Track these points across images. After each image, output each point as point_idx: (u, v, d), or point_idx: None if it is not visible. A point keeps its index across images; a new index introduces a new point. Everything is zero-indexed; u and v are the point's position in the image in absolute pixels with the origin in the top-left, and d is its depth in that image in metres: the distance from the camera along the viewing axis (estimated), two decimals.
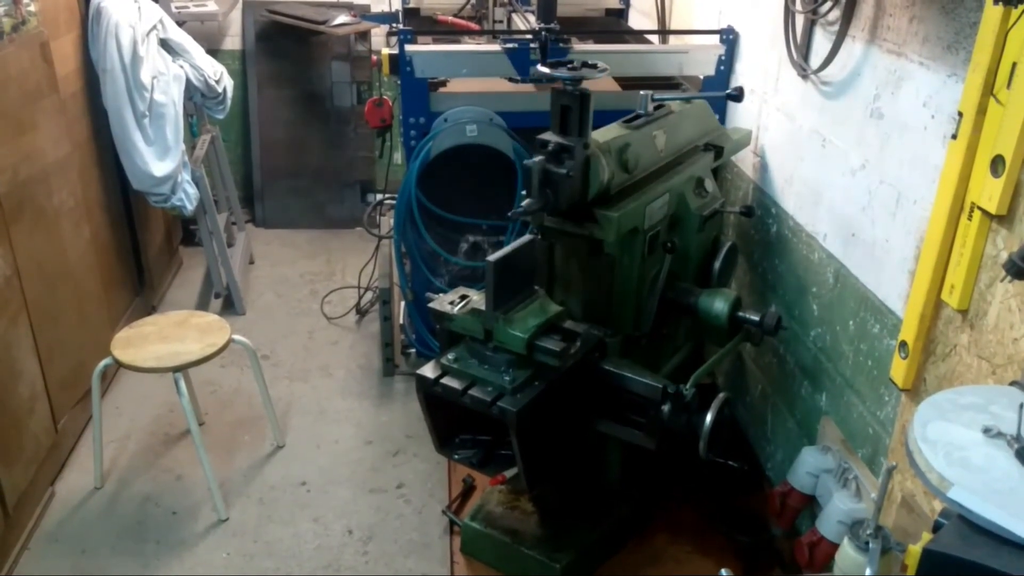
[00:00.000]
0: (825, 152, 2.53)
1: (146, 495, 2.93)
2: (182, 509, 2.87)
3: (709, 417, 2.20)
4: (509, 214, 2.19)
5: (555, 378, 2.17)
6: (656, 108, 2.62)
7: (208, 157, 4.26)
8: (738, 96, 2.60)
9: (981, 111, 1.70)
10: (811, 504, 2.57)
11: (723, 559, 2.66)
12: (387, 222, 4.18)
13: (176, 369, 2.67)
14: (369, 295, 4.16)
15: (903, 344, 1.97)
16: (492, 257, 2.09)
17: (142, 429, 3.26)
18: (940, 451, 1.00)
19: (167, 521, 2.82)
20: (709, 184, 2.68)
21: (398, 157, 4.62)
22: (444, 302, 2.29)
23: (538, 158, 2.15)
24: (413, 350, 3.70)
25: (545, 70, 2.20)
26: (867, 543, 1.11)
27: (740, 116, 3.18)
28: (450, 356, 2.22)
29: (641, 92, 2.55)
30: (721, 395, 2.25)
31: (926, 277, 1.88)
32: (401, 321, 3.79)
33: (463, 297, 2.30)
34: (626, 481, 2.74)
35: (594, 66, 2.21)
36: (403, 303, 3.72)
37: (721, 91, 3.25)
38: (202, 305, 4.21)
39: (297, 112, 5.08)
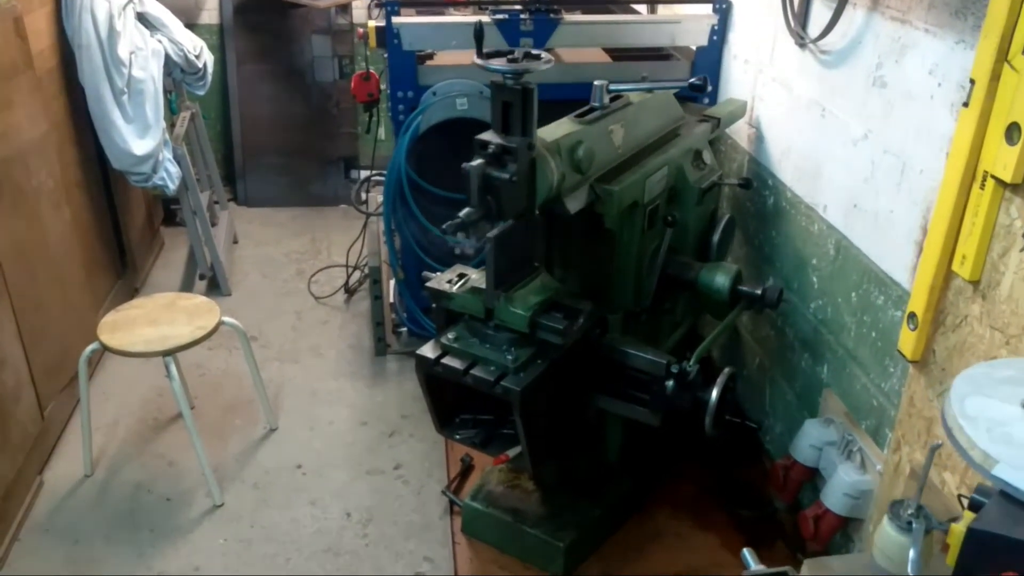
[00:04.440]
0: (825, 122, 2.49)
1: (138, 482, 2.87)
2: (176, 495, 2.82)
3: (715, 393, 2.17)
4: (444, 226, 1.94)
5: (558, 356, 2.13)
6: (612, 99, 2.37)
7: (188, 135, 4.16)
8: (702, 86, 2.46)
9: (995, 78, 1.66)
10: (814, 477, 2.56)
11: (725, 533, 2.65)
12: (374, 199, 4.12)
13: (166, 353, 2.60)
14: (357, 274, 4.10)
15: (912, 316, 1.95)
16: (492, 233, 2.03)
17: (131, 414, 3.20)
18: (982, 427, 0.97)
19: (161, 508, 2.77)
20: (707, 156, 2.64)
21: (382, 132, 4.54)
22: (442, 281, 2.24)
23: (477, 161, 1.92)
24: (404, 329, 3.65)
25: (479, 61, 1.93)
26: (909, 523, 1.09)
27: (734, 87, 3.13)
28: (450, 335, 2.17)
29: (595, 82, 2.32)
30: (726, 370, 2.23)
31: (936, 248, 1.85)
32: (391, 300, 3.74)
33: (461, 275, 2.25)
34: (626, 457, 2.72)
35: (537, 57, 1.96)
36: (393, 281, 3.66)
37: (715, 62, 3.22)
38: (186, 286, 4.13)
39: (278, 88, 4.97)
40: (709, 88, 2.52)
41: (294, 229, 4.79)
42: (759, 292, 2.46)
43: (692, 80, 2.37)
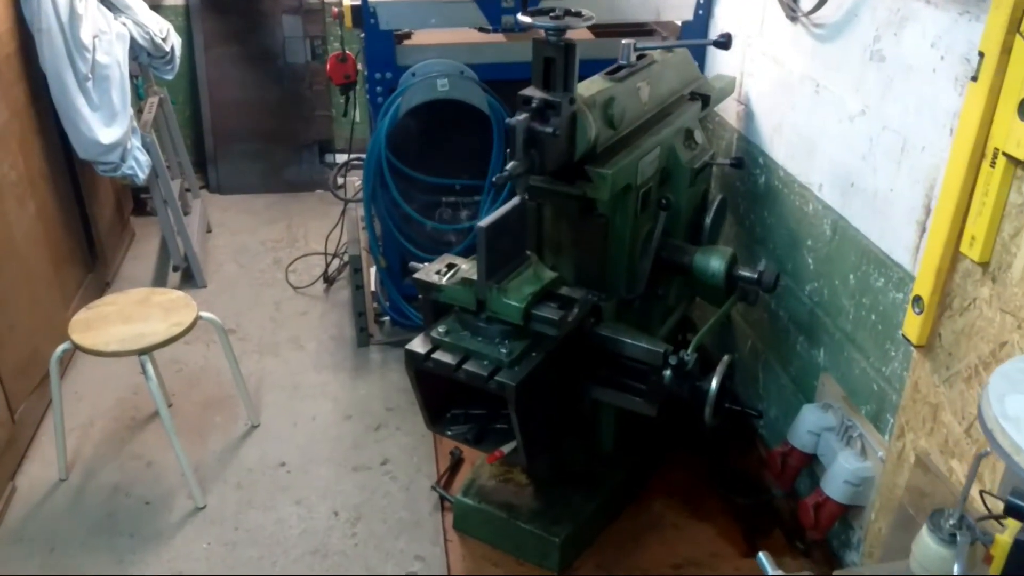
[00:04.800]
0: (819, 98, 2.42)
1: (115, 485, 2.77)
2: (155, 498, 2.72)
3: (714, 383, 2.11)
4: (493, 179, 2.02)
5: (553, 347, 2.06)
6: (638, 58, 2.47)
7: (157, 121, 4.01)
8: (725, 43, 2.45)
9: (1006, 50, 1.59)
10: (812, 463, 2.51)
11: (722, 522, 2.61)
12: (352, 184, 4.00)
13: (142, 352, 2.49)
14: (336, 262, 3.98)
15: (917, 299, 1.89)
16: (483, 222, 1.95)
17: (106, 414, 3.08)
18: None
19: (140, 512, 2.67)
20: (699, 135, 2.57)
21: (358, 115, 4.41)
22: (430, 272, 2.15)
23: (521, 116, 1.97)
24: (387, 318, 3.56)
25: (527, 19, 2.03)
26: (952, 535, 1.03)
27: (722, 63, 3.05)
28: (440, 329, 2.09)
29: (623, 41, 2.40)
30: (725, 358, 2.16)
31: (943, 229, 1.79)
32: (373, 288, 3.64)
33: (450, 266, 2.16)
34: (621, 446, 2.66)
35: (578, 14, 2.04)
36: (374, 269, 3.56)
37: (700, 37, 3.13)
38: (159, 278, 4.00)
39: (248, 70, 4.82)
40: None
41: (269, 216, 4.66)
42: (755, 276, 2.39)
43: (716, 38, 2.38)
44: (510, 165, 1.99)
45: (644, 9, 3.12)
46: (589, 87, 2.21)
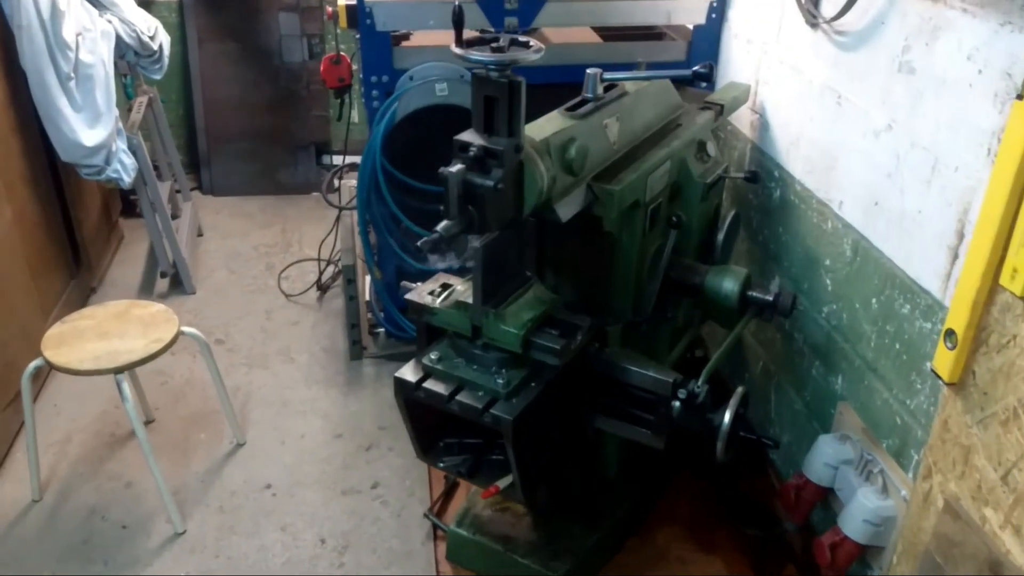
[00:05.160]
0: (841, 111, 2.27)
1: (91, 507, 2.63)
2: (133, 522, 2.58)
3: (727, 416, 1.96)
4: (419, 244, 1.68)
5: (553, 377, 1.91)
6: (607, 89, 2.15)
7: (146, 121, 3.87)
8: (707, 75, 2.22)
9: None
10: (827, 496, 2.37)
11: (731, 556, 2.47)
12: (347, 187, 3.86)
13: (118, 371, 2.35)
14: (331, 269, 3.84)
15: (950, 333, 1.74)
16: (479, 242, 1.80)
17: (84, 429, 2.94)
18: None
19: (116, 537, 2.53)
20: (711, 147, 2.42)
21: (356, 115, 4.27)
22: (423, 292, 2.01)
23: (456, 167, 1.66)
24: (382, 330, 3.42)
25: (459, 51, 1.68)
26: None
27: (736, 69, 2.90)
28: (433, 355, 1.94)
29: (588, 70, 2.08)
30: (739, 390, 2.02)
31: (981, 259, 1.64)
32: (367, 298, 3.50)
33: (445, 286, 2.02)
34: (624, 473, 2.52)
35: (525, 44, 1.72)
36: (369, 277, 3.42)
37: (713, 41, 2.99)
38: (147, 283, 3.86)
39: (243, 69, 4.68)
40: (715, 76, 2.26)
41: (263, 220, 4.52)
42: (770, 298, 2.25)
43: (696, 68, 2.12)
44: (442, 225, 1.68)
45: (654, 12, 2.97)
46: (544, 127, 1.89)
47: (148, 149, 3.99)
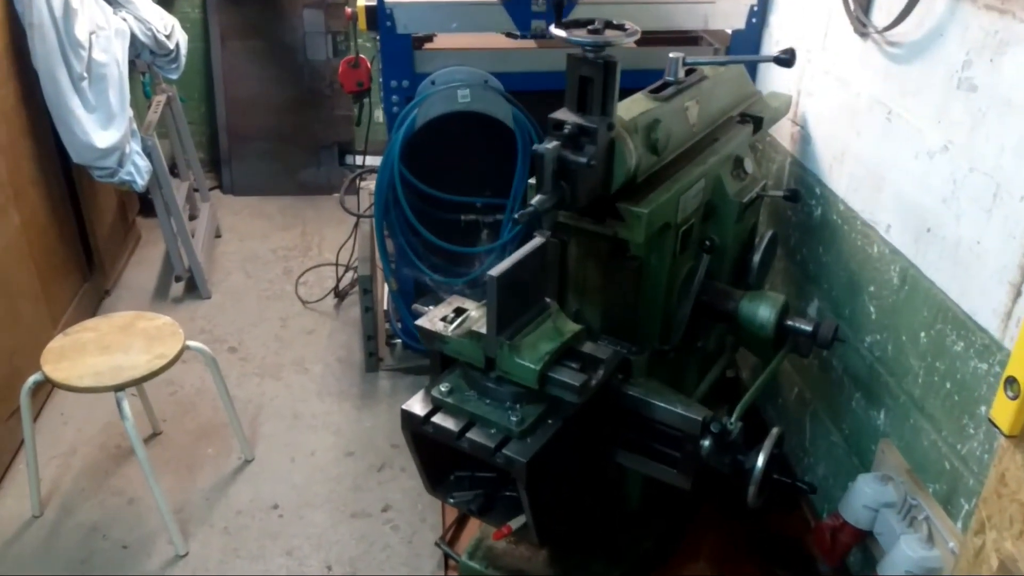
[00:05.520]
0: (891, 127, 2.10)
1: (92, 524, 2.54)
2: (134, 541, 2.49)
3: (761, 460, 1.81)
4: (515, 215, 1.76)
5: (572, 413, 1.77)
6: (687, 73, 2.17)
7: (165, 120, 3.79)
8: (788, 60, 2.13)
9: None
10: (865, 538, 2.21)
11: None
12: (368, 191, 3.74)
13: (118, 388, 2.25)
14: (349, 275, 3.73)
15: (1011, 381, 1.57)
16: (495, 271, 1.67)
17: (89, 442, 2.85)
18: None
19: (117, 557, 2.44)
20: (749, 164, 2.26)
21: (379, 115, 4.15)
22: (435, 319, 1.87)
23: (551, 143, 1.72)
24: (399, 341, 3.30)
25: (560, 33, 1.76)
26: None
27: (775, 78, 2.74)
28: (443, 387, 1.81)
29: (671, 54, 2.10)
30: (774, 431, 1.86)
31: None
32: (385, 307, 3.38)
33: (458, 311, 1.88)
34: (647, 508, 2.37)
35: (621, 27, 1.78)
36: (387, 286, 3.30)
37: (753, 48, 2.82)
38: (162, 287, 3.77)
39: (266, 66, 4.58)
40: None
41: (283, 221, 4.42)
42: (810, 329, 2.09)
43: (776, 54, 2.06)
44: (536, 199, 1.73)
45: (691, 16, 2.80)
46: (630, 108, 1.93)
47: (166, 148, 3.91)
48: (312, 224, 4.38)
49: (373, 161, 3.69)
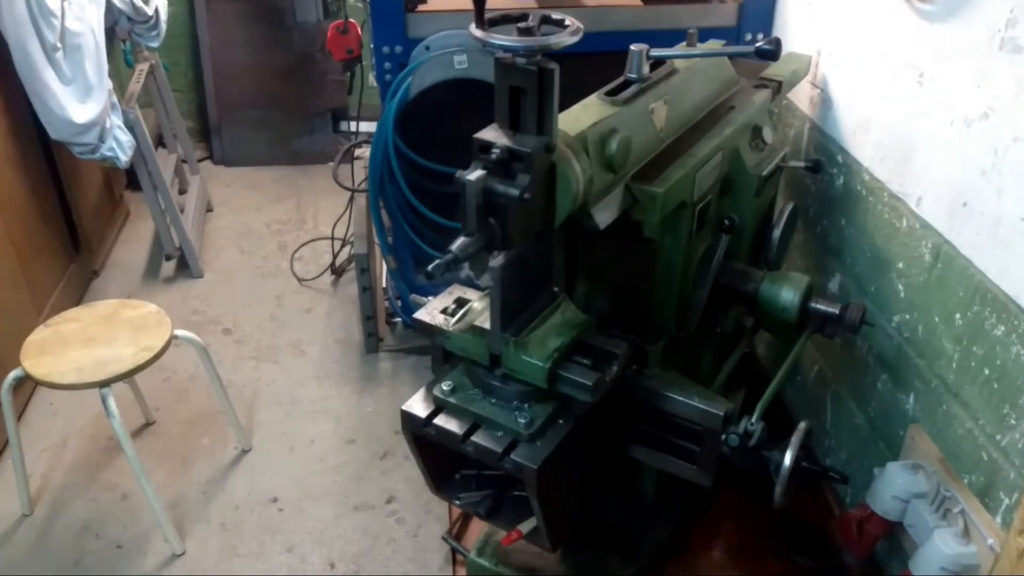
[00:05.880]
0: (922, 92, 1.94)
1: (85, 522, 2.44)
2: (128, 540, 2.39)
3: (788, 458, 1.69)
4: (429, 268, 1.40)
5: (584, 411, 1.65)
6: (653, 68, 1.82)
7: (148, 90, 3.62)
8: (773, 52, 1.85)
9: None
10: (893, 528, 2.10)
11: None
12: (363, 164, 3.58)
13: (102, 384, 2.13)
14: (346, 251, 3.59)
15: None
16: (497, 262, 1.53)
17: (81, 432, 2.75)
18: None
19: (110, 557, 2.34)
20: (767, 133, 2.11)
21: (372, 79, 3.97)
22: (434, 311, 1.74)
23: (476, 173, 1.38)
24: (399, 320, 3.17)
25: (479, 34, 1.40)
26: None
27: (793, 36, 2.56)
28: (445, 386, 1.68)
29: (632, 47, 1.77)
30: (802, 426, 1.74)
31: None
32: (384, 285, 3.25)
33: (460, 301, 1.75)
34: (664, 497, 2.26)
35: (560, 23, 1.43)
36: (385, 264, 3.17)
37: (769, 10, 2.65)
38: (153, 265, 3.64)
39: (254, 29, 4.39)
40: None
41: (277, 193, 4.27)
42: (836, 311, 1.95)
43: (759, 44, 1.78)
44: (457, 244, 1.41)
45: None
46: (580, 117, 1.60)
47: (152, 119, 3.74)
48: (307, 195, 4.23)
49: (368, 128, 3.53)
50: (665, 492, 2.27)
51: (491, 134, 1.44)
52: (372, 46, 2.62)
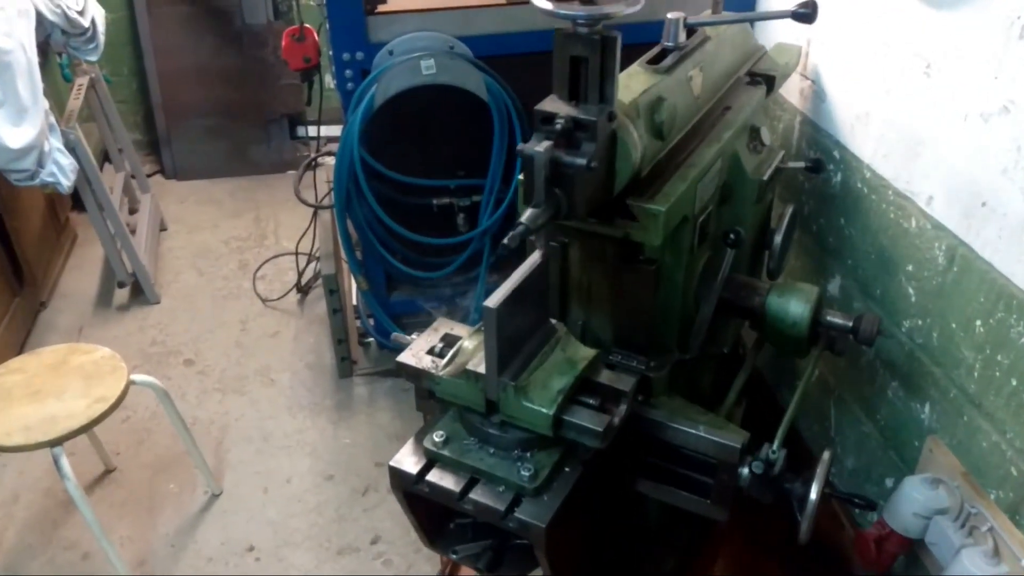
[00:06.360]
0: (931, 84, 1.81)
1: None
2: None
3: (814, 492, 1.56)
4: (505, 240, 1.37)
5: (592, 457, 1.50)
6: (687, 35, 1.81)
7: (90, 105, 3.38)
8: (808, 15, 1.77)
9: None
10: (913, 545, 1.99)
11: None
12: (327, 173, 3.38)
13: (54, 443, 1.93)
14: (312, 266, 3.40)
15: None
16: (491, 300, 1.37)
17: (34, 486, 2.54)
18: None
19: None
20: (765, 133, 1.97)
21: (330, 80, 3.77)
22: (420, 352, 1.57)
23: (542, 143, 1.37)
24: (372, 340, 3.00)
25: (543, 4, 1.40)
26: None
27: (779, 27, 2.42)
28: (437, 437, 1.52)
29: (670, 15, 1.75)
30: (826, 455, 1.61)
31: None
32: (355, 302, 3.07)
33: (447, 340, 1.59)
34: (668, 525, 2.13)
35: None
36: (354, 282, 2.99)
37: None
38: (105, 293, 3.42)
39: (201, 34, 4.15)
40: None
41: (234, 207, 4.05)
42: (849, 324, 1.82)
43: (796, 7, 1.70)
44: (526, 215, 1.39)
45: None
46: (628, 85, 1.58)
47: (95, 136, 3.51)
48: (266, 208, 4.02)
49: (328, 132, 3.33)
50: (670, 519, 2.14)
51: (552, 105, 1.42)
52: (331, 53, 2.44)
